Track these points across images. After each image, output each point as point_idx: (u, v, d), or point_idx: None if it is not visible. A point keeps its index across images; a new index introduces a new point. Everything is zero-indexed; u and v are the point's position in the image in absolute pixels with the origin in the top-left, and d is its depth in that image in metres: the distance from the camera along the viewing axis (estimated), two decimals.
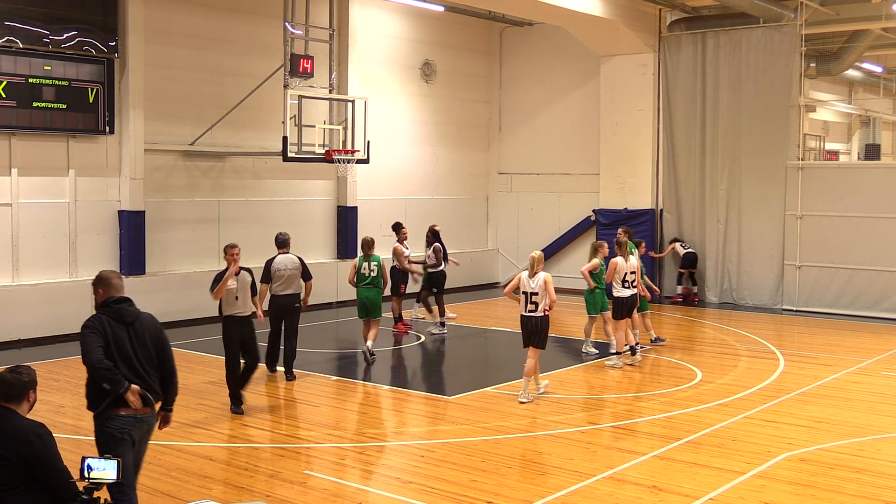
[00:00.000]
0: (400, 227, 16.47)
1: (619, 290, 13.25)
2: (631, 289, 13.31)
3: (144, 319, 6.42)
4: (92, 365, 6.17)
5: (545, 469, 8.63)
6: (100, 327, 6.23)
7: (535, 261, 11.14)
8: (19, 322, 14.82)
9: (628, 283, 13.27)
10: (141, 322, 6.38)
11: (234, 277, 10.61)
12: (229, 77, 17.66)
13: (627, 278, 13.27)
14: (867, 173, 19.43)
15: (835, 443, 9.55)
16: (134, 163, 16.14)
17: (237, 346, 10.83)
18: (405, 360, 14.40)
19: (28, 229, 15.22)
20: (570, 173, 22.31)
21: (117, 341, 6.22)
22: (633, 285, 13.33)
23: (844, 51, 22.74)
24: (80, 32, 15.33)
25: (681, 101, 20.39)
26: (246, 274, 10.82)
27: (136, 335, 6.32)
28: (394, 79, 21.24)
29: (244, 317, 10.82)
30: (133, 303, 6.43)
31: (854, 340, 15.85)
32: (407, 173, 21.63)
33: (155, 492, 7.96)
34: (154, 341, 6.41)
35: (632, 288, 13.32)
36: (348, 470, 8.87)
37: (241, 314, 10.79)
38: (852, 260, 18.43)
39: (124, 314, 6.32)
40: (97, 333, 6.20)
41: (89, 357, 6.16)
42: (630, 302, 13.32)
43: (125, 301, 6.38)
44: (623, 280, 13.25)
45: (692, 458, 8.96)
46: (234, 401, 10.80)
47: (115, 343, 6.21)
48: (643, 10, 20.03)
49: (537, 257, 11.20)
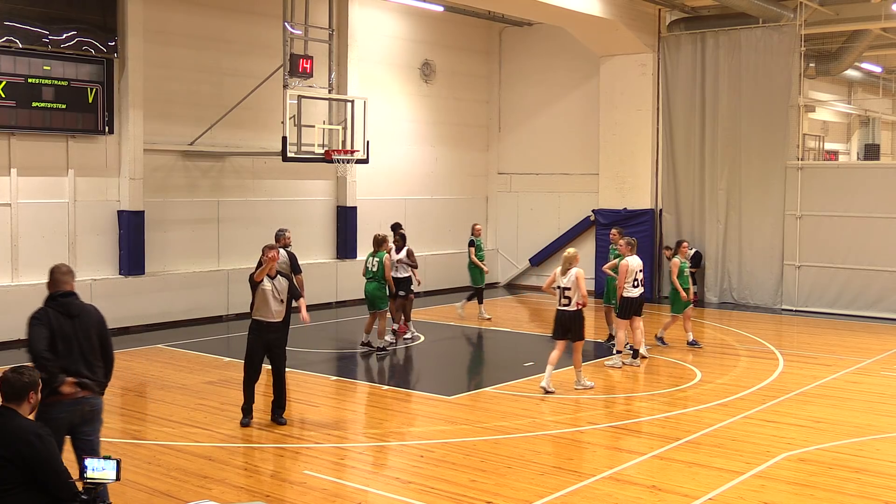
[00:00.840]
0: (397, 228, 15.69)
1: (629, 291, 13.31)
2: (640, 287, 13.42)
3: (89, 312, 6.78)
4: (34, 355, 6.53)
5: (545, 469, 8.63)
6: (45, 319, 6.61)
7: (569, 258, 11.74)
8: (19, 322, 14.62)
9: (638, 283, 13.38)
10: (86, 314, 6.74)
11: (270, 280, 10.02)
12: (229, 77, 17.66)
13: (637, 277, 13.38)
14: (866, 173, 19.43)
15: (834, 443, 9.55)
16: (133, 163, 16.13)
17: (260, 352, 10.09)
18: (405, 360, 14.40)
19: (27, 229, 15.21)
20: (569, 173, 22.31)
21: (62, 332, 6.57)
22: (641, 284, 13.45)
23: (844, 51, 22.76)
24: (79, 32, 15.32)
25: (680, 101, 20.39)
26: (283, 279, 10.17)
27: (82, 327, 6.66)
28: (393, 79, 21.24)
29: (271, 323, 10.02)
30: (78, 296, 6.81)
31: (853, 340, 15.86)
32: (406, 173, 21.63)
33: (154, 492, 7.96)
34: (98, 333, 6.76)
35: (641, 287, 13.43)
36: (348, 470, 8.87)
37: (267, 320, 10.00)
38: (852, 260, 18.44)
39: (70, 307, 6.69)
40: (43, 325, 6.58)
41: (33, 348, 6.56)
42: (639, 302, 13.43)
43: (71, 295, 6.74)
44: (634, 279, 13.34)
45: (692, 458, 8.96)
46: (245, 412, 10.09)
47: (60, 334, 6.57)
48: (642, 10, 20.04)
49: (570, 255, 11.80)
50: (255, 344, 10.07)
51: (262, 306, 9.99)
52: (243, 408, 10.14)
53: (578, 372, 11.92)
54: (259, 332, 10.03)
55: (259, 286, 9.97)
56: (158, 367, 13.18)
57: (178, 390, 11.74)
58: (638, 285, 13.38)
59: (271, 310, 9.97)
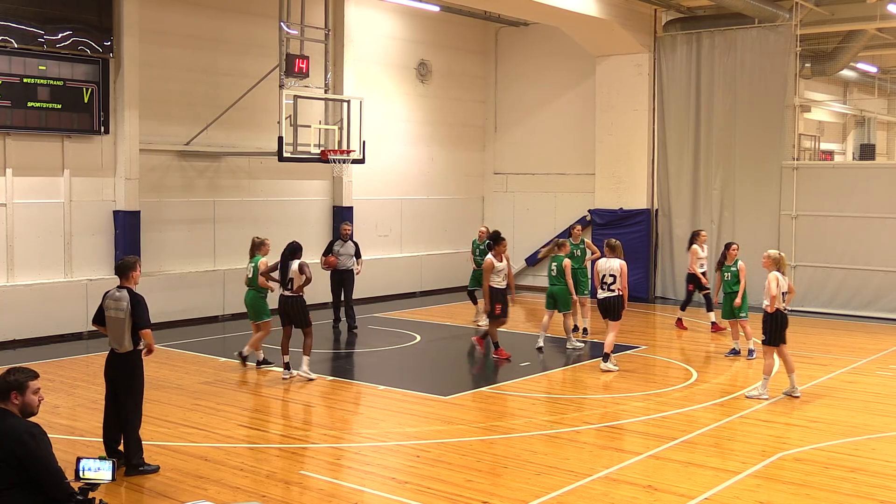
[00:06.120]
0: (498, 238, 13.96)
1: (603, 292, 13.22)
2: (609, 291, 13.13)
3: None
4: None
5: (540, 469, 8.63)
6: None
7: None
8: (14, 322, 14.78)
9: (605, 286, 13.15)
10: None
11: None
12: (224, 77, 17.64)
13: (606, 281, 13.14)
14: (862, 173, 19.44)
15: (830, 442, 9.56)
16: (129, 163, 16.11)
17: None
18: (401, 360, 14.39)
19: (23, 229, 15.19)
20: (565, 173, 22.32)
21: None
22: (609, 288, 13.15)
23: (839, 51, 22.78)
24: (74, 32, 15.30)
25: (676, 101, 20.40)
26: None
27: None
28: (389, 79, 21.24)
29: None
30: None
31: (849, 340, 15.88)
32: (402, 173, 21.63)
33: (150, 492, 7.96)
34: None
35: (609, 291, 13.15)
36: (344, 470, 8.87)
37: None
38: (847, 260, 18.46)
39: None
40: None
41: None
42: (604, 305, 13.19)
43: None
44: (602, 282, 13.17)
45: (687, 458, 8.96)
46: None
47: None
48: (638, 11, 20.05)
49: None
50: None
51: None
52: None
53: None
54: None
55: None
56: (154, 367, 13.13)
57: (174, 390, 11.72)
58: (606, 288, 13.13)
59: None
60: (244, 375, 12.75)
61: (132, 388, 8.54)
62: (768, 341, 11.38)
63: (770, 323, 11.30)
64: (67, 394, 11.55)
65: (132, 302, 8.46)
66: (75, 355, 14.17)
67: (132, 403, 8.51)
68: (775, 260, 11.37)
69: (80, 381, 12.31)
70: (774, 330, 11.28)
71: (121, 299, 8.50)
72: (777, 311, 11.24)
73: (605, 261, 13.33)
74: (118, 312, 8.48)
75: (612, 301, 13.15)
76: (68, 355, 14.16)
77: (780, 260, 11.39)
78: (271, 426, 10.27)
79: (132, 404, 8.51)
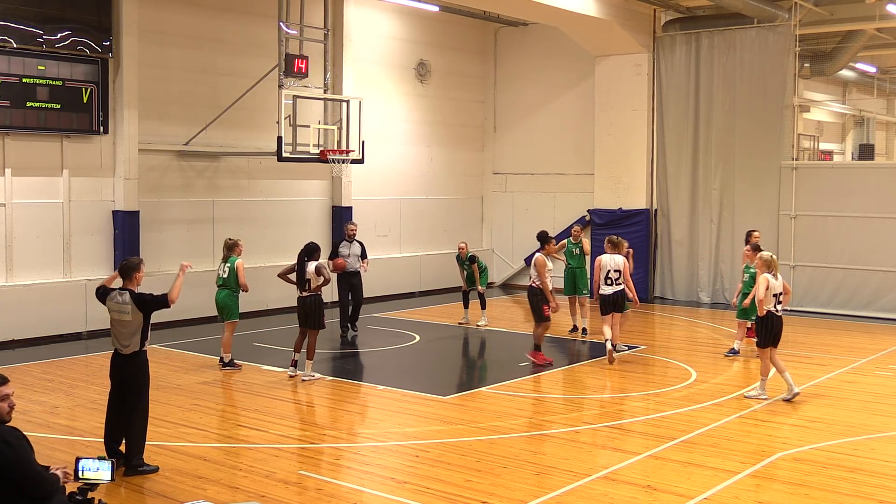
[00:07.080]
0: (546, 237, 14.27)
1: (603, 288, 13.76)
2: (615, 286, 13.70)
3: None
4: None
5: (540, 469, 8.63)
6: None
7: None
8: (13, 323, 14.78)
9: (612, 281, 13.70)
10: None
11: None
12: (224, 77, 17.64)
13: (611, 276, 13.69)
14: (861, 173, 19.45)
15: (829, 442, 9.57)
16: (128, 163, 16.11)
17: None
18: (400, 360, 14.39)
19: (22, 229, 15.18)
20: (564, 173, 22.33)
21: None
22: (615, 283, 13.72)
23: (838, 51, 22.78)
24: (73, 32, 15.30)
25: (675, 101, 20.40)
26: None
27: None
28: (388, 79, 21.24)
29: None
30: None
31: (848, 340, 15.88)
32: (402, 173, 21.63)
33: (149, 492, 7.96)
34: None
35: (615, 285, 13.71)
36: (343, 470, 8.87)
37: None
38: (846, 260, 18.46)
39: None
40: None
41: None
42: (612, 299, 13.72)
43: None
44: (607, 277, 13.70)
45: (687, 458, 8.96)
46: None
47: None
48: (637, 11, 20.06)
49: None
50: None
51: None
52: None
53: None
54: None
55: None
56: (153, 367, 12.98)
57: (173, 390, 11.72)
58: (612, 283, 13.67)
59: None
60: (243, 376, 12.75)
61: (142, 387, 8.55)
62: (760, 343, 11.40)
63: (760, 326, 11.33)
64: (67, 394, 11.55)
65: (138, 304, 8.45)
66: (74, 355, 14.17)
67: (143, 402, 8.53)
68: (766, 262, 11.30)
69: (80, 382, 12.31)
70: (765, 333, 11.30)
71: (124, 302, 8.50)
72: (768, 313, 11.20)
73: (608, 257, 13.78)
74: (123, 315, 8.47)
75: (618, 295, 13.70)
76: (67, 355, 14.16)
77: (771, 262, 11.32)
78: (270, 426, 10.27)
79: (143, 403, 8.52)
